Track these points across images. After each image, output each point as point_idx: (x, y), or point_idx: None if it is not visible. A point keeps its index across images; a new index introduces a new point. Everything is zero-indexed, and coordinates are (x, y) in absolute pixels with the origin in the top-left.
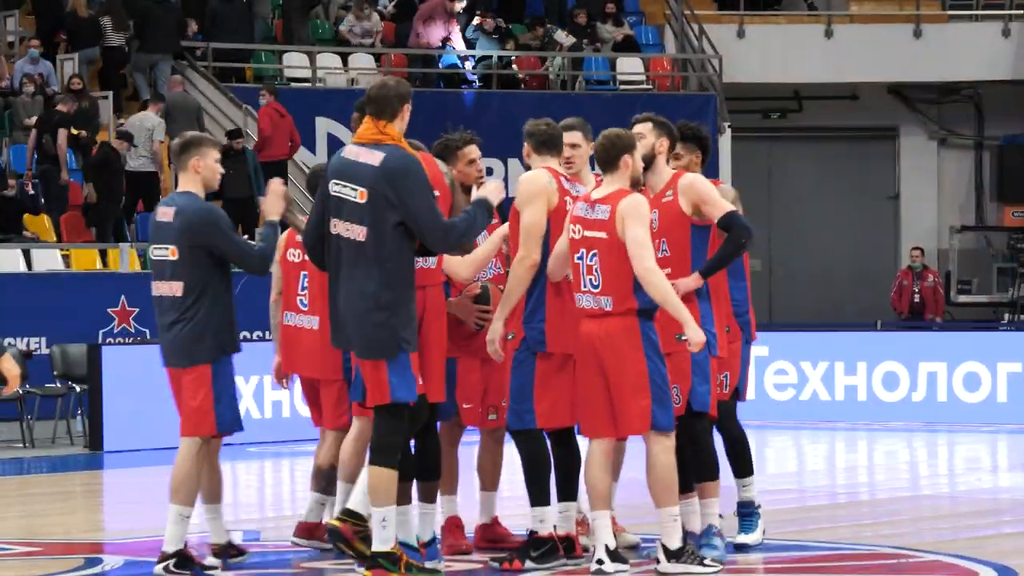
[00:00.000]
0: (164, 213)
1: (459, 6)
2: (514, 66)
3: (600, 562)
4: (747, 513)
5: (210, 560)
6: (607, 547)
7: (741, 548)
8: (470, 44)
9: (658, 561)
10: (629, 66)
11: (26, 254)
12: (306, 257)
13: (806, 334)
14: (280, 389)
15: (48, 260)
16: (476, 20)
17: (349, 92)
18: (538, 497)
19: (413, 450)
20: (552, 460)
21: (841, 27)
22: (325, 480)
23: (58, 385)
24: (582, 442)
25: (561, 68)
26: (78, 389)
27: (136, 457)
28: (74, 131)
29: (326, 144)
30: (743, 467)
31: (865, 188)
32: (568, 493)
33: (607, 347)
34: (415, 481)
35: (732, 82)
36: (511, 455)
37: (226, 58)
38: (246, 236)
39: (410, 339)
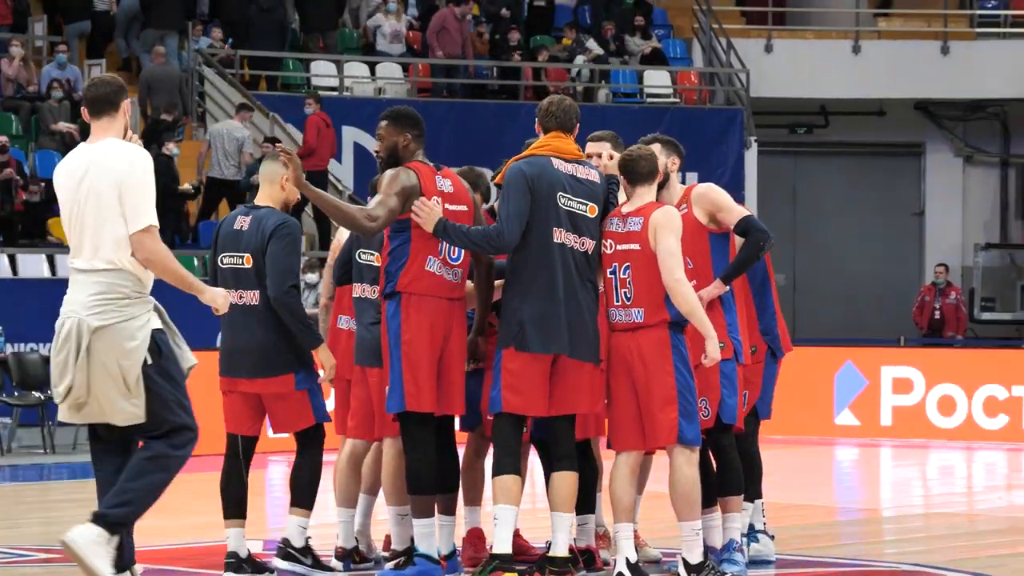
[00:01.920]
0: None
1: (467, 12)
2: (543, 76)
3: (620, 575)
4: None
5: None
6: (628, 560)
7: None
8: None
9: None
10: (656, 79)
11: (50, 259)
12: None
13: (829, 350)
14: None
15: None
16: None
17: (377, 102)
18: None
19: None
20: None
21: (868, 43)
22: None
23: None
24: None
25: (586, 75)
26: None
27: None
28: None
29: (352, 153)
30: (749, 491)
31: (890, 204)
32: (587, 505)
33: (637, 360)
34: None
35: (759, 96)
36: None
37: (255, 66)
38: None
39: None
